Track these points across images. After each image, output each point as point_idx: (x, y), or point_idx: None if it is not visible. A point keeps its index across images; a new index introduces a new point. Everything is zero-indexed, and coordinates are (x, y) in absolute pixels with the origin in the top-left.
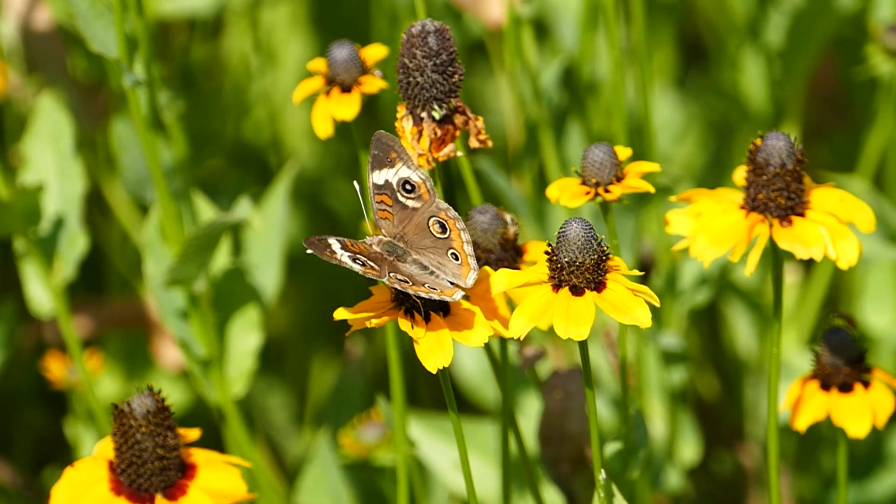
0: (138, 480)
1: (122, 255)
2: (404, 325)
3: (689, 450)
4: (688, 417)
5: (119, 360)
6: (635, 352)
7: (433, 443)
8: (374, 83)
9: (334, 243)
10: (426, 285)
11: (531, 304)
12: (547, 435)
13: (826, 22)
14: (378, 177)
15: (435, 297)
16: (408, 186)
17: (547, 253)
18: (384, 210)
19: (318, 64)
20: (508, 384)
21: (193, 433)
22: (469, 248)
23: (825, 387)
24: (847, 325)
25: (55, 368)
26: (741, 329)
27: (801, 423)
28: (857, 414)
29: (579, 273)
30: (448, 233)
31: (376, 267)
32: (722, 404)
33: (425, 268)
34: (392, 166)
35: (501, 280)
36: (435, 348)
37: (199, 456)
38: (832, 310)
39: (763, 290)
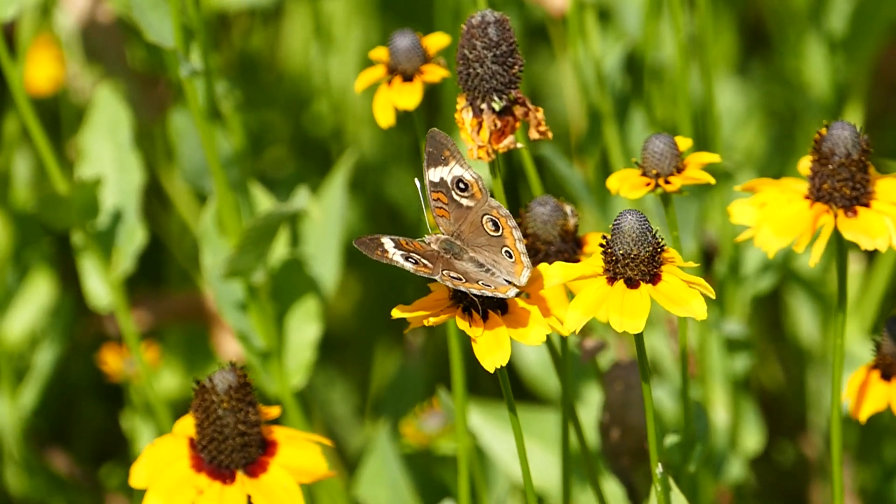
0: (219, 457)
1: (181, 246)
2: (462, 323)
3: (752, 439)
4: (750, 406)
5: (179, 353)
6: (698, 339)
7: (495, 431)
8: (436, 72)
9: (387, 242)
10: (480, 282)
11: (586, 297)
12: (607, 427)
13: (890, 7)
14: (434, 174)
15: (488, 293)
16: (461, 185)
17: (602, 245)
18: (441, 208)
19: (380, 53)
20: (569, 377)
21: (274, 410)
22: (521, 246)
23: (886, 377)
24: None
25: (112, 361)
26: (804, 318)
27: (863, 414)
28: None
29: (634, 265)
30: (501, 231)
31: (429, 265)
32: (785, 394)
33: (481, 265)
34: (446, 164)
35: (557, 273)
36: (493, 347)
37: (280, 433)
38: (889, 306)
39: (826, 279)
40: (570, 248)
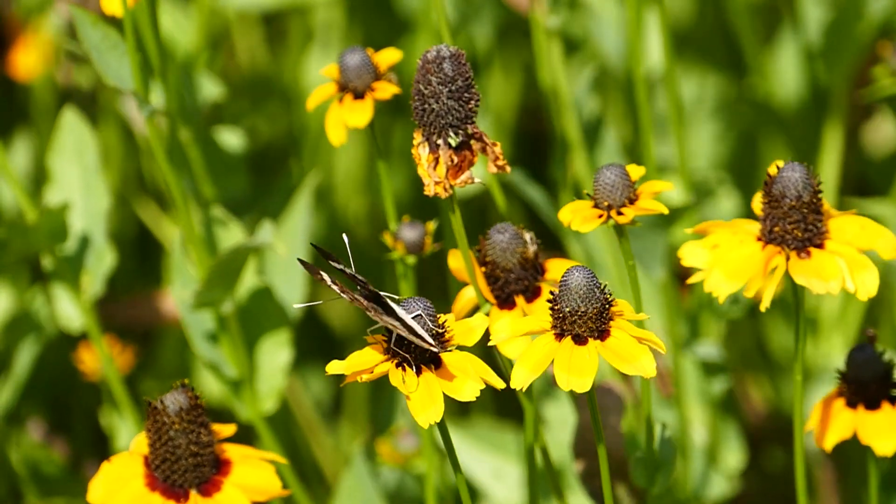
0: (172, 477)
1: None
2: (395, 379)
3: (733, 456)
4: (731, 423)
5: (175, 353)
6: (673, 359)
7: (471, 451)
8: (387, 89)
9: (326, 276)
10: (407, 332)
11: (534, 353)
12: (581, 449)
13: (860, 30)
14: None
15: (416, 341)
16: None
17: (549, 301)
18: None
19: (331, 70)
20: (532, 410)
21: (228, 429)
22: (420, 332)
23: (851, 404)
24: (872, 342)
25: (88, 360)
26: (780, 333)
27: (828, 443)
28: (883, 431)
29: (581, 322)
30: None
31: (364, 302)
32: (772, 401)
33: (407, 325)
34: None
35: (504, 328)
36: (426, 403)
37: (234, 452)
38: (872, 319)
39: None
40: (529, 275)
